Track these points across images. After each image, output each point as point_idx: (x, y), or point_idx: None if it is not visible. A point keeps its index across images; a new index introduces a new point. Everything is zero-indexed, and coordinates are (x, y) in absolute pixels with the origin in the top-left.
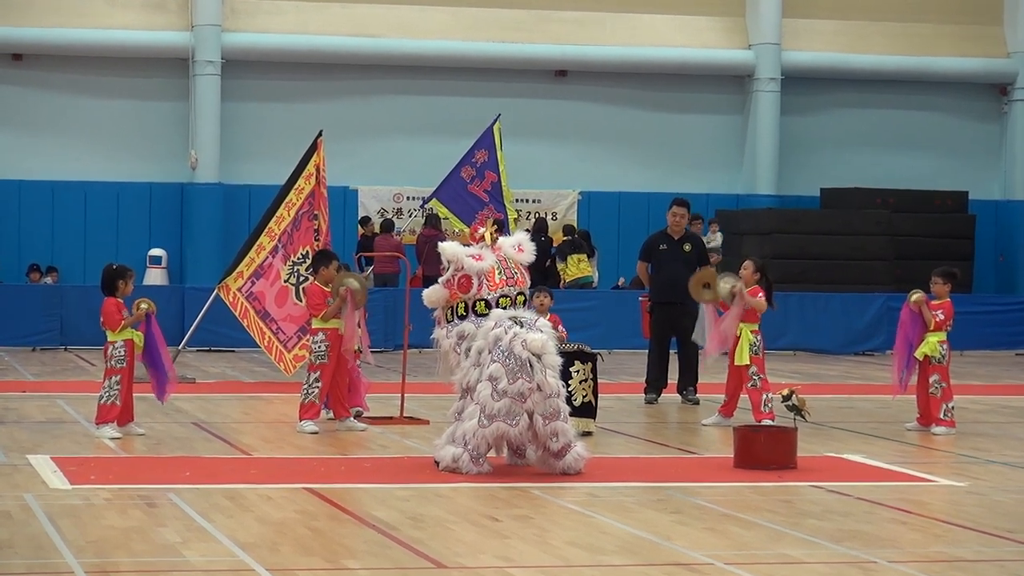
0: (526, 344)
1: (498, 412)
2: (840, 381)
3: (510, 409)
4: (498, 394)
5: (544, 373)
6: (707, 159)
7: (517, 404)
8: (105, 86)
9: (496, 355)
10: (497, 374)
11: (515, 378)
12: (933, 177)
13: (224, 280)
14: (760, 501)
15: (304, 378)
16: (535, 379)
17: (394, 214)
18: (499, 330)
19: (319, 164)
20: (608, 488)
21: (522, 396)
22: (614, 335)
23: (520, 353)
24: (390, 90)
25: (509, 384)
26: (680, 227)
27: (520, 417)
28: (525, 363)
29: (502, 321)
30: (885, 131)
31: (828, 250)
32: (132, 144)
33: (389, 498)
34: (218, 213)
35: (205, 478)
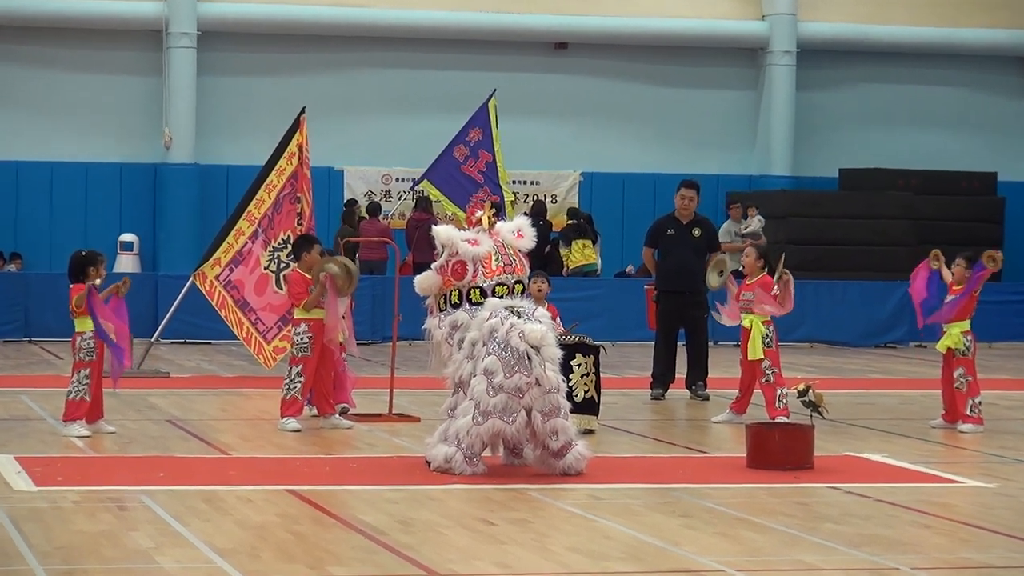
0: (524, 335)
1: (494, 408)
2: (860, 375)
3: (507, 405)
4: (494, 389)
5: (543, 366)
6: (717, 138)
7: (514, 400)
8: (72, 59)
9: (492, 347)
10: (493, 367)
11: (512, 372)
12: (959, 157)
13: (200, 267)
14: (774, 503)
15: (286, 372)
16: (533, 373)
17: (382, 197)
18: (495, 320)
19: (302, 143)
20: (612, 490)
21: (519, 391)
22: (618, 326)
23: (517, 345)
24: (378, 64)
25: (506, 378)
26: (689, 210)
27: (517, 414)
28: (523, 356)
29: (498, 311)
30: (908, 107)
31: (847, 235)
32: (102, 122)
33: (377, 500)
34: (194, 195)
35: (180, 479)
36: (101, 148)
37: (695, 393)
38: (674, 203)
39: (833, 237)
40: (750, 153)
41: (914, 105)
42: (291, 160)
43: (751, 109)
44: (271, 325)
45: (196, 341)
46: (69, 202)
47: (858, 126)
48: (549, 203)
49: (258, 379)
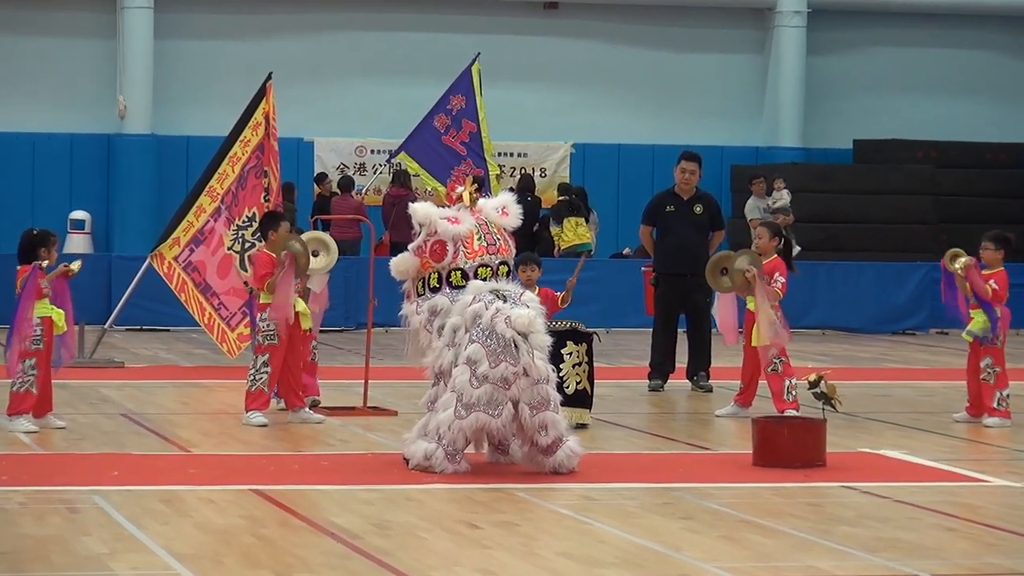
0: (510, 321)
1: (477, 401)
2: (876, 364)
3: (492, 397)
4: (477, 380)
5: (531, 355)
6: (721, 106)
7: (500, 391)
8: (18, 21)
9: (475, 334)
10: (477, 356)
11: (497, 361)
12: (984, 126)
13: (158, 248)
14: (783, 504)
15: (251, 362)
16: (521, 362)
17: (355, 170)
18: (478, 305)
19: (268, 112)
20: (606, 490)
21: (506, 382)
22: (613, 311)
23: (503, 332)
24: (351, 25)
25: (490, 368)
26: (690, 185)
27: (503, 407)
28: (509, 343)
29: (482, 294)
30: (928, 73)
31: (861, 212)
32: (49, 89)
33: (350, 501)
34: (151, 169)
35: (136, 478)
36: (49, 118)
37: (697, 384)
38: (674, 177)
39: (846, 214)
40: (756, 122)
41: (935, 70)
42: (257, 130)
43: (758, 75)
44: (235, 310)
45: (153, 328)
46: (14, 177)
47: (874, 93)
48: (538, 177)
49: (221, 369)
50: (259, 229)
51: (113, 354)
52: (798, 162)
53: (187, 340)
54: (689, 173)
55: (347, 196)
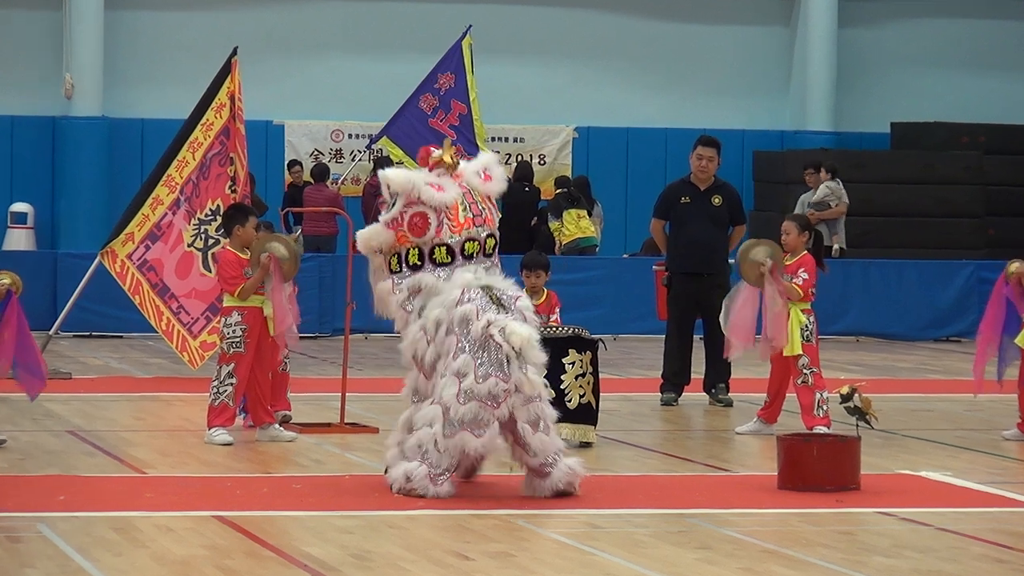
0: (506, 335)
1: (462, 418)
2: (916, 375)
3: (477, 415)
4: (464, 395)
5: (524, 369)
6: (742, 84)
7: (486, 409)
8: None
9: (464, 342)
10: (465, 369)
11: (486, 375)
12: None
13: (109, 244)
14: (813, 533)
15: (214, 373)
16: (512, 377)
17: (331, 157)
18: (468, 308)
19: (233, 92)
20: (613, 516)
21: (494, 399)
22: (621, 315)
23: (496, 348)
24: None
25: (476, 383)
26: (707, 173)
27: (489, 427)
28: (501, 358)
29: (472, 292)
30: (975, 47)
31: (900, 203)
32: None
33: (326, 529)
34: (101, 156)
35: (85, 503)
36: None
37: (715, 397)
38: (689, 165)
39: (884, 206)
40: (782, 103)
41: (983, 44)
42: (220, 113)
43: (784, 49)
44: (197, 315)
45: (104, 334)
46: None
47: (915, 70)
48: (536, 165)
49: (180, 381)
50: (223, 224)
51: (59, 364)
52: (829, 148)
53: (142, 348)
54: (706, 160)
55: (321, 186)
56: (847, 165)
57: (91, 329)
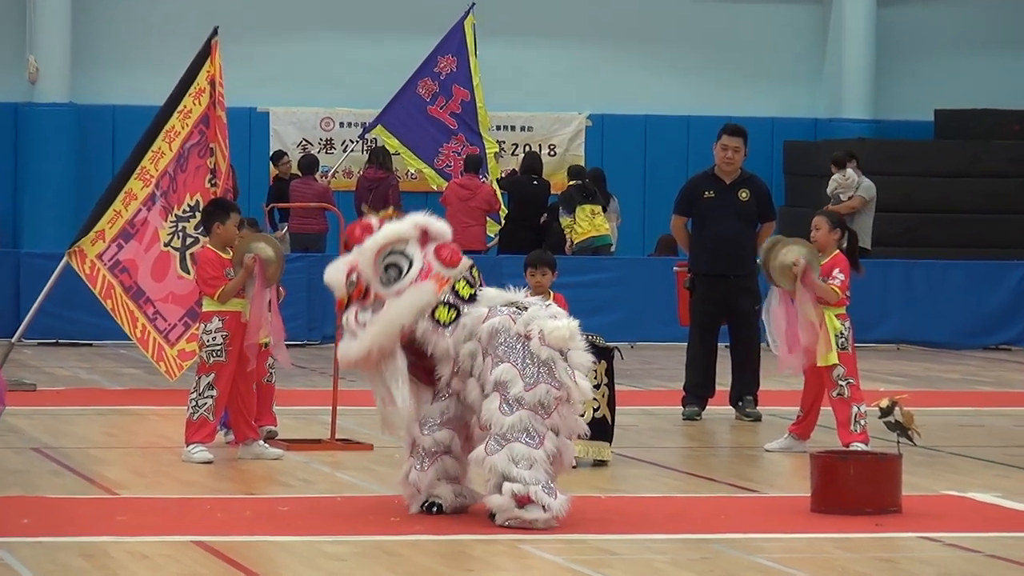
0: (544, 336)
1: (511, 430)
2: (963, 387)
3: (528, 425)
4: (509, 405)
5: (573, 376)
6: (772, 67)
7: (537, 419)
8: None
9: (502, 351)
10: (507, 376)
11: (534, 382)
12: None
13: (78, 243)
14: (849, 559)
15: (193, 384)
16: (563, 384)
17: (321, 148)
18: (497, 320)
19: (214, 76)
20: (629, 541)
21: (544, 409)
22: (639, 321)
23: (538, 350)
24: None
25: (525, 390)
26: (734, 165)
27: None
28: (547, 362)
29: (496, 309)
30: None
31: (945, 198)
32: None
33: (315, 555)
34: (69, 146)
35: (51, 527)
36: None
37: (742, 411)
38: (714, 156)
39: (927, 201)
40: (816, 89)
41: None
42: (199, 99)
43: (818, 29)
44: (174, 321)
45: (72, 342)
46: None
47: (960, 52)
48: (546, 156)
49: (156, 393)
50: (202, 221)
51: (22, 374)
52: (866, 137)
53: (114, 357)
54: (732, 151)
55: (309, 179)
56: (886, 156)
57: (57, 336)
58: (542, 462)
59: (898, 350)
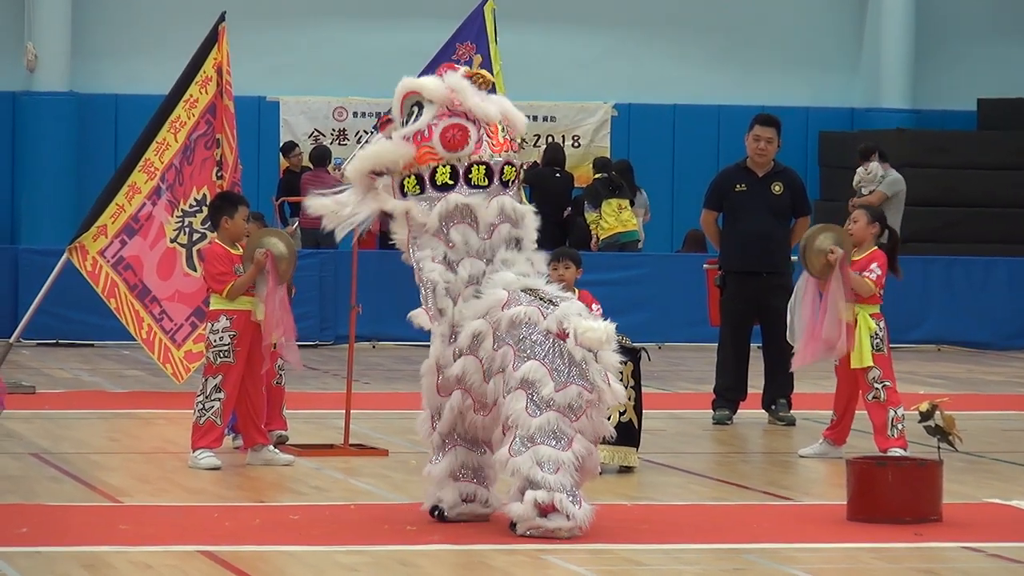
0: (578, 336)
1: (539, 431)
2: (1007, 389)
3: (557, 428)
4: (538, 405)
5: (606, 378)
6: (808, 55)
7: (565, 422)
8: None
9: (526, 347)
10: (536, 375)
11: (565, 382)
12: None
13: (79, 239)
14: (887, 571)
15: (199, 386)
16: (596, 386)
17: (333, 138)
18: (521, 310)
19: (221, 64)
20: (657, 551)
21: (573, 412)
22: (667, 321)
23: (572, 350)
24: None
25: (556, 391)
26: (766, 157)
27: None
28: (579, 363)
29: (517, 295)
30: None
31: (989, 192)
32: None
33: (328, 567)
34: (69, 137)
35: (50, 537)
36: None
37: (775, 415)
38: (745, 147)
39: (970, 195)
40: (852, 77)
41: None
42: (206, 88)
43: (854, 14)
44: (181, 321)
45: (72, 342)
46: None
47: (1004, 39)
48: (569, 148)
49: (160, 396)
50: (209, 215)
51: (20, 376)
52: (906, 128)
53: (117, 358)
54: (764, 142)
55: (321, 172)
56: (926, 148)
57: (57, 336)
58: (569, 466)
59: (938, 351)
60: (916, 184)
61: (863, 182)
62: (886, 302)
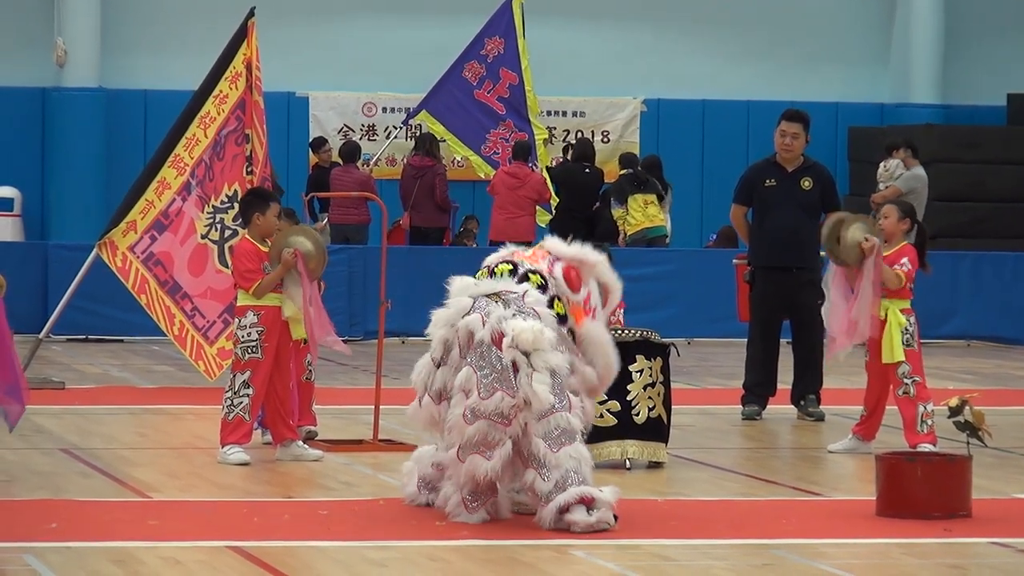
0: (513, 337)
1: (469, 440)
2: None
3: (487, 435)
4: (471, 414)
5: (530, 378)
6: (837, 50)
7: (496, 428)
8: None
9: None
10: (468, 385)
11: (491, 390)
12: None
13: (108, 234)
14: (917, 567)
15: (228, 382)
16: (521, 391)
17: (363, 134)
18: (473, 317)
19: (250, 59)
20: (686, 547)
21: (503, 417)
22: (696, 316)
23: (501, 354)
24: None
25: (481, 399)
26: (794, 152)
27: (501, 447)
28: (506, 368)
29: (480, 302)
30: None
31: (1018, 187)
32: None
33: (356, 562)
34: (98, 132)
35: (80, 532)
36: None
37: (805, 411)
38: (774, 142)
39: (999, 190)
40: (881, 72)
41: None
42: (236, 83)
43: (884, 9)
44: (213, 318)
45: (102, 338)
46: None
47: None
48: (599, 143)
49: (190, 392)
50: (240, 211)
51: (50, 372)
52: (935, 123)
53: (146, 354)
54: (792, 137)
55: (350, 167)
56: (956, 143)
57: (87, 332)
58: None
59: (968, 347)
60: (945, 179)
61: (882, 177)
62: (915, 298)
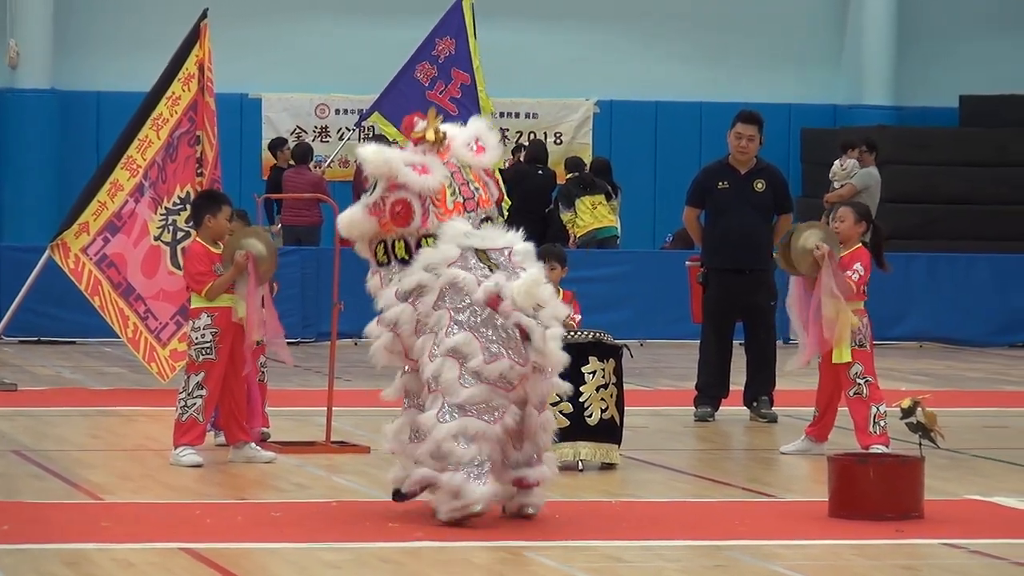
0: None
1: (468, 402)
2: (988, 386)
3: (488, 399)
4: (469, 376)
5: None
6: (790, 51)
7: (499, 394)
8: None
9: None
10: (466, 348)
11: (494, 356)
12: None
13: (61, 236)
14: (869, 568)
15: (182, 383)
16: (531, 356)
17: (315, 136)
18: (460, 273)
19: (203, 60)
20: (639, 548)
21: (507, 383)
22: (648, 318)
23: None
24: None
25: (485, 363)
26: (748, 154)
27: (505, 411)
28: (512, 335)
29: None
30: None
31: (971, 189)
32: None
33: (310, 564)
34: (51, 134)
35: (32, 534)
36: None
37: (757, 412)
38: (728, 144)
39: (952, 192)
40: (834, 74)
41: None
42: (188, 84)
43: (836, 11)
44: (166, 320)
45: (54, 340)
46: None
47: (987, 35)
48: (552, 144)
49: (143, 393)
50: (192, 214)
51: (3, 373)
52: (888, 124)
53: (98, 355)
54: (746, 139)
55: (302, 169)
56: (908, 144)
57: (39, 334)
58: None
59: (920, 348)
60: (898, 181)
61: (837, 176)
62: (868, 298)
